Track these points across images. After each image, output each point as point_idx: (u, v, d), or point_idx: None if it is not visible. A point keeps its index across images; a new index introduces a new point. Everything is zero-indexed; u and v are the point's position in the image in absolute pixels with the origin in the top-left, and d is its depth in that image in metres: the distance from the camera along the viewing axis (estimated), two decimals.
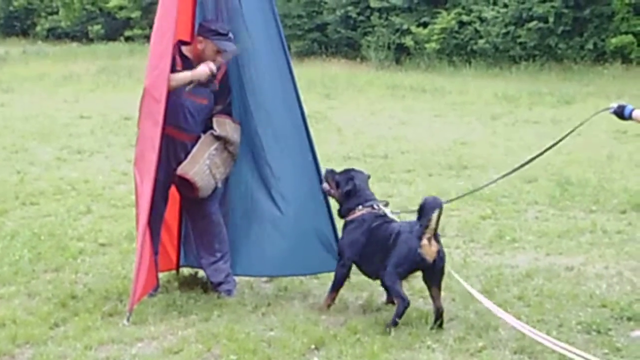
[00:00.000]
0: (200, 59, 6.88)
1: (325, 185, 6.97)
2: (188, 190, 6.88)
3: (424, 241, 6.21)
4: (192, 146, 6.91)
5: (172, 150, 6.86)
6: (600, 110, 6.61)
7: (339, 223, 7.07)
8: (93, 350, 5.91)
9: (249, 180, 7.15)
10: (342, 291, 6.97)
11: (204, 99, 6.93)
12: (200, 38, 6.87)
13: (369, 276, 6.79)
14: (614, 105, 6.41)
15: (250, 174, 7.15)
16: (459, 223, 9.20)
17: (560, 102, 18.27)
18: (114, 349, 5.94)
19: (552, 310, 6.55)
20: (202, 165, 6.80)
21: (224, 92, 7.03)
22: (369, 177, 7.05)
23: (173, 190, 7.07)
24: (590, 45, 23.13)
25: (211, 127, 6.94)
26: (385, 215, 6.72)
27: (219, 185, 6.94)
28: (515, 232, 8.78)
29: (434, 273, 6.31)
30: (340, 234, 6.93)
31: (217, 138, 6.92)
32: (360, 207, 6.77)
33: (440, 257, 6.27)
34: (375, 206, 6.78)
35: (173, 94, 6.68)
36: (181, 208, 7.30)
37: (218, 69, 6.85)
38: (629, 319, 6.35)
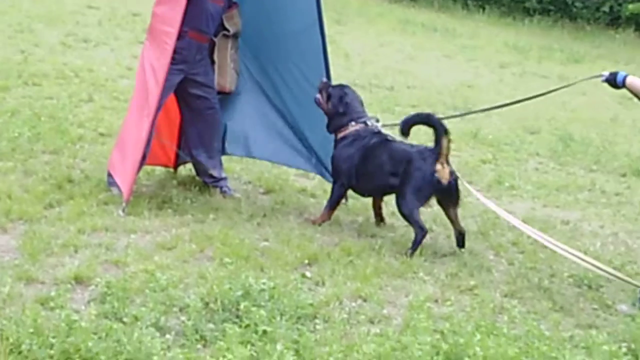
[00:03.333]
0: None
1: (318, 96, 6.92)
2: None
3: (438, 166, 6.32)
4: (205, 48, 6.96)
5: (191, 53, 6.83)
6: (591, 77, 6.45)
7: None
8: (86, 235, 5.89)
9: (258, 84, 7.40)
10: (337, 213, 6.98)
11: (221, 0, 6.93)
12: None
13: (361, 194, 6.90)
14: (606, 73, 6.13)
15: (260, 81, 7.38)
16: (459, 164, 9.12)
17: (569, 60, 18.10)
18: (107, 237, 5.91)
19: (546, 260, 6.54)
20: (230, 71, 7.08)
21: None
22: (361, 101, 7.02)
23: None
24: (606, 8, 22.89)
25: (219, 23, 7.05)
26: (380, 132, 6.75)
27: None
28: (514, 180, 8.75)
29: (450, 194, 6.47)
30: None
31: (229, 36, 7.08)
32: (353, 123, 6.77)
33: (453, 178, 6.43)
34: (368, 123, 6.79)
35: None
36: (181, 107, 7.23)
37: None
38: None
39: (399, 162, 6.47)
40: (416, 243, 6.30)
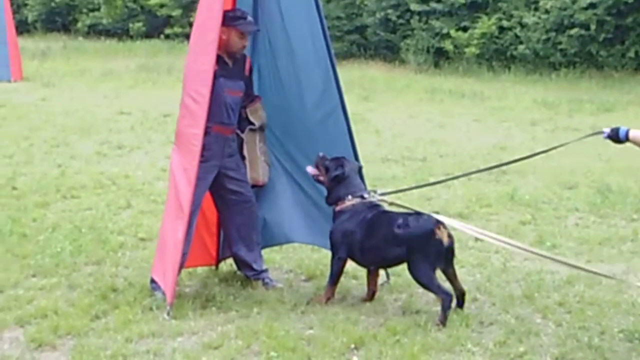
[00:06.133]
0: (227, 49, 6.92)
1: (311, 168, 7.00)
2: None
3: (436, 228, 6.43)
4: (233, 140, 7.10)
5: (219, 147, 6.94)
6: (592, 134, 6.32)
7: None
8: (133, 343, 5.95)
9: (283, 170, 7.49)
10: (380, 293, 7.00)
11: (239, 91, 7.09)
12: (223, 28, 6.77)
13: (366, 266, 6.93)
14: (607, 130, 5.98)
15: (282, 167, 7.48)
16: (498, 227, 9.13)
17: (600, 110, 18.10)
18: (154, 343, 5.97)
19: (594, 317, 6.49)
20: (261, 164, 7.21)
21: (250, 81, 7.26)
22: (360, 167, 7.06)
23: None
24: (631, 54, 22.88)
25: (244, 118, 7.18)
26: (378, 204, 6.85)
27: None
28: (555, 238, 8.71)
29: (448, 255, 6.52)
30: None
31: (255, 129, 7.20)
32: (349, 197, 6.82)
33: (450, 240, 6.49)
34: (365, 195, 6.85)
35: (214, 92, 6.72)
36: (217, 203, 7.32)
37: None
38: None
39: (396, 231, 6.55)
40: (444, 310, 6.30)
